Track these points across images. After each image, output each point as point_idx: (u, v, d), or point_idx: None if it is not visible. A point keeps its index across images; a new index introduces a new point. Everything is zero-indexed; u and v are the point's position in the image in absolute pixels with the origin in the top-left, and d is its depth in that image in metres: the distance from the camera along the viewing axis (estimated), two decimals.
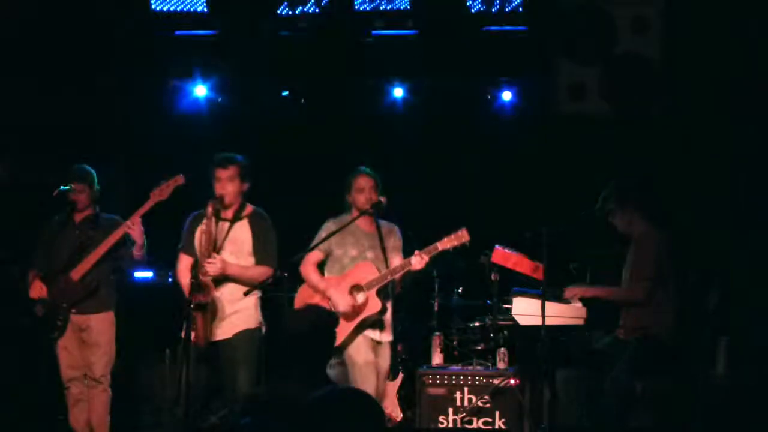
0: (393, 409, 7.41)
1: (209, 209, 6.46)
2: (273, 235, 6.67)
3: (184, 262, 6.62)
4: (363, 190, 6.66)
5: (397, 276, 6.58)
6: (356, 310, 6.55)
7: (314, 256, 6.70)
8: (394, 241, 6.77)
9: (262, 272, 6.53)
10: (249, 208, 6.67)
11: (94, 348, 6.90)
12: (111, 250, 6.82)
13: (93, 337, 6.91)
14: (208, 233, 6.44)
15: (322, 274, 6.77)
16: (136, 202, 6.85)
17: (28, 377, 7.19)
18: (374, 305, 6.53)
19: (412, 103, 8.63)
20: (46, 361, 6.90)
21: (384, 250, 6.69)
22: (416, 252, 6.49)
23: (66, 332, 6.86)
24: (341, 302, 6.54)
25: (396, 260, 6.70)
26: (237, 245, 6.57)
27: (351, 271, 6.64)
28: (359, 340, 6.60)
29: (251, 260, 6.58)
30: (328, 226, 6.70)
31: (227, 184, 6.53)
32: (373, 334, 6.65)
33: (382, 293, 6.59)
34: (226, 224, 6.58)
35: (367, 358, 6.59)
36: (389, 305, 6.73)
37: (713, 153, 7.88)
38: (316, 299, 6.66)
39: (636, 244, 6.99)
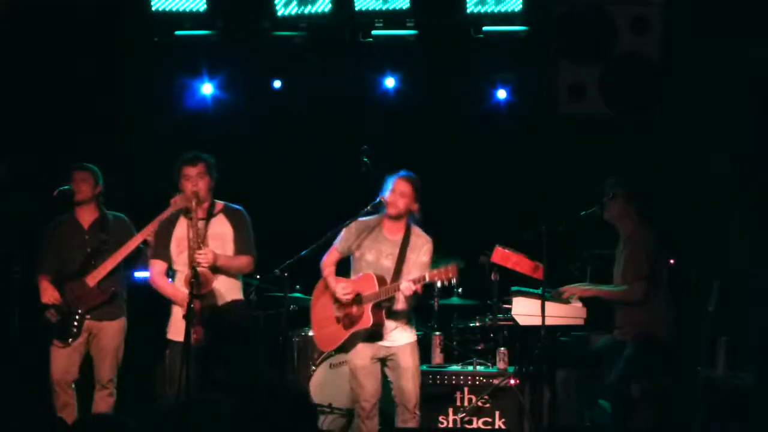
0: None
1: (192, 203, 6.46)
2: (250, 225, 6.70)
3: (158, 268, 6.62)
4: (404, 194, 6.53)
5: (390, 295, 6.45)
6: (351, 320, 6.53)
7: (333, 255, 6.67)
8: (420, 255, 6.55)
9: (247, 261, 6.63)
10: (220, 204, 6.70)
11: (104, 353, 6.92)
12: (126, 257, 6.83)
13: (103, 342, 6.92)
14: (194, 227, 6.45)
15: (347, 272, 6.72)
16: (138, 202, 6.85)
17: (28, 378, 7.19)
18: (366, 320, 6.45)
19: (412, 102, 8.63)
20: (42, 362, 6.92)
21: (402, 261, 6.54)
22: (407, 279, 6.37)
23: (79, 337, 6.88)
24: (340, 290, 6.51)
25: (412, 275, 6.44)
26: (220, 240, 6.59)
27: (357, 279, 6.59)
28: (360, 344, 6.58)
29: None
30: (350, 226, 6.61)
31: (198, 181, 6.55)
32: (378, 340, 6.58)
33: (380, 308, 6.47)
34: (202, 222, 6.58)
35: (364, 362, 6.57)
36: (395, 318, 6.60)
37: (713, 153, 7.88)
38: (327, 296, 6.66)
39: (627, 243, 7.00)
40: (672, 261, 7.24)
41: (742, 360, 7.11)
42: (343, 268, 6.74)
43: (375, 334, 6.54)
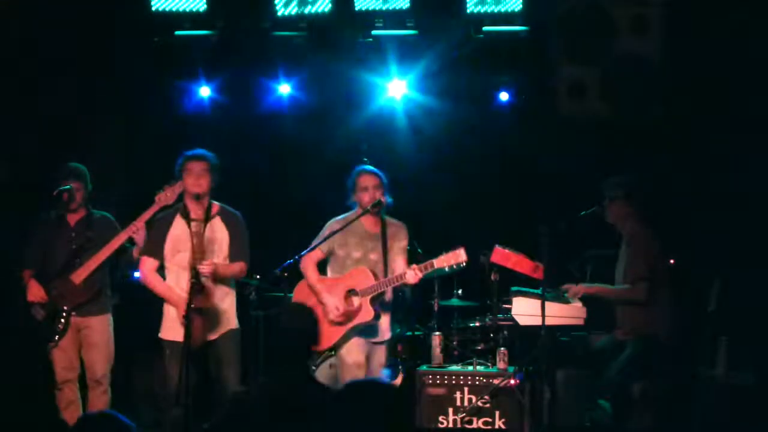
0: None
1: (180, 209, 6.46)
2: (245, 230, 6.68)
3: (149, 265, 6.58)
4: (367, 188, 6.66)
5: (394, 285, 6.58)
6: (349, 315, 6.57)
7: (315, 254, 6.71)
8: (399, 241, 6.76)
9: (240, 268, 6.62)
10: (216, 206, 6.66)
11: (94, 349, 6.91)
12: (112, 255, 6.83)
13: (93, 338, 6.91)
14: (198, 235, 6.42)
15: (325, 272, 6.77)
16: (138, 203, 6.84)
17: (26, 378, 7.18)
18: (367, 313, 6.56)
19: (412, 102, 8.63)
20: (43, 361, 6.90)
21: (387, 252, 6.67)
22: (413, 266, 6.50)
23: (66, 334, 6.86)
24: (333, 310, 6.57)
25: (398, 263, 6.69)
26: (216, 244, 6.56)
27: (349, 274, 6.65)
28: (352, 341, 6.65)
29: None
30: (332, 225, 6.70)
31: (200, 178, 6.52)
32: (369, 336, 6.68)
33: (376, 300, 6.60)
34: (199, 224, 6.54)
35: (357, 359, 6.63)
36: (384, 311, 6.72)
37: (712, 153, 7.88)
38: (313, 300, 6.67)
39: (629, 243, 6.99)
40: (672, 261, 7.23)
41: (742, 360, 7.10)
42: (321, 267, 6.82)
43: (371, 329, 6.62)
